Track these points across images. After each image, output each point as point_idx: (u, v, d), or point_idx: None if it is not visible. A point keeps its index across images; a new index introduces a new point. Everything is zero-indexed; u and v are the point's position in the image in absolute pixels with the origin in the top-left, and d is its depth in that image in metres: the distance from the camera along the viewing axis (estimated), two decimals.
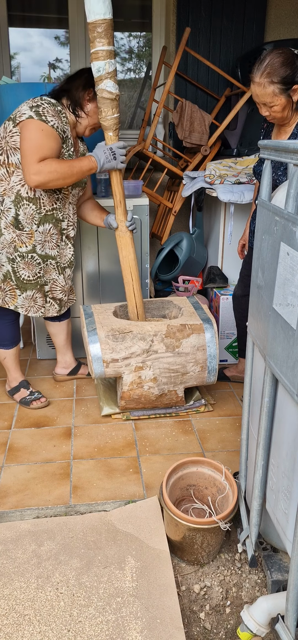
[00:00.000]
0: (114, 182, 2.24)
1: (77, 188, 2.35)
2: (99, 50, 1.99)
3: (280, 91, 1.91)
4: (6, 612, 1.44)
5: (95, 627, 1.40)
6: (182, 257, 3.22)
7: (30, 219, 2.19)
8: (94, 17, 1.95)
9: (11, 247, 2.21)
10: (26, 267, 2.26)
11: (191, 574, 1.65)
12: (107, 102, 2.07)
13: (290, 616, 1.21)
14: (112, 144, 2.14)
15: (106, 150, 2.13)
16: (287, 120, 2.03)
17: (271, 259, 1.29)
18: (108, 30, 1.98)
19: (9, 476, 2.02)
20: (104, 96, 2.06)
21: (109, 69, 2.02)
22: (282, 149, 1.22)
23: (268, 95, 1.92)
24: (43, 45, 4.02)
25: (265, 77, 1.90)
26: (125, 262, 2.36)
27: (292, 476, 1.24)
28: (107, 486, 1.96)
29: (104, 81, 2.03)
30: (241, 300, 2.47)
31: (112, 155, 2.14)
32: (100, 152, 2.14)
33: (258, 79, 1.92)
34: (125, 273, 2.37)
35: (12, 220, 2.17)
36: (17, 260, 2.24)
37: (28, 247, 2.23)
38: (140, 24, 4.06)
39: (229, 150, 3.48)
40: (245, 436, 1.63)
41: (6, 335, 2.44)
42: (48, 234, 2.27)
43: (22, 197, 2.15)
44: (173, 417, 2.43)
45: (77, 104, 2.18)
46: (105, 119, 2.11)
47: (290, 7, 3.68)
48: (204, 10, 3.57)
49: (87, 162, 2.13)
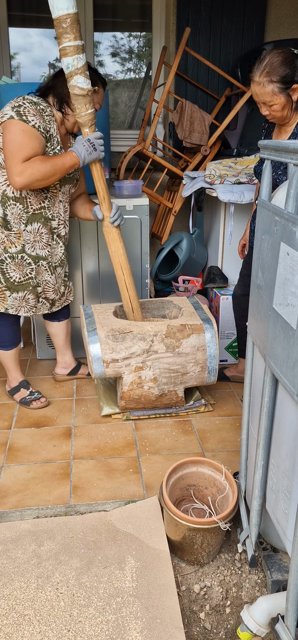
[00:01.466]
0: (95, 177, 2.20)
1: (68, 185, 2.33)
2: (66, 46, 1.94)
3: (279, 90, 1.91)
4: (6, 612, 1.44)
5: (95, 627, 1.40)
6: (182, 257, 3.22)
7: (17, 219, 2.18)
8: (58, 12, 1.90)
9: (0, 248, 2.21)
10: (16, 268, 2.25)
11: (191, 574, 1.65)
12: (80, 99, 2.03)
13: (290, 616, 1.21)
14: (89, 135, 2.11)
15: (85, 143, 2.10)
16: (287, 120, 2.03)
17: (271, 259, 1.29)
18: (73, 24, 1.92)
19: (9, 476, 2.02)
20: (75, 93, 2.01)
21: (78, 65, 1.97)
22: (282, 149, 1.22)
23: (268, 94, 1.93)
24: (43, 45, 4.02)
25: (264, 76, 1.91)
26: (114, 257, 2.33)
27: (292, 476, 1.24)
28: (107, 486, 1.96)
29: (74, 77, 1.98)
30: (241, 299, 2.47)
31: (91, 147, 2.10)
32: (79, 146, 2.11)
33: (257, 78, 1.93)
34: (116, 268, 2.35)
35: (0, 220, 2.17)
36: (7, 262, 2.23)
37: (17, 247, 2.22)
38: (140, 24, 4.06)
39: (229, 150, 3.48)
40: (245, 436, 1.63)
41: (7, 336, 2.44)
42: (37, 234, 2.25)
43: (8, 197, 2.14)
44: (174, 417, 2.43)
45: (63, 101, 2.16)
46: (80, 116, 2.07)
47: (290, 7, 3.68)
48: (204, 10, 3.57)
49: (69, 158, 2.10)
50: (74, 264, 2.83)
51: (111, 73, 4.17)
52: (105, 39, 4.01)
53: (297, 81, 1.92)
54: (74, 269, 2.84)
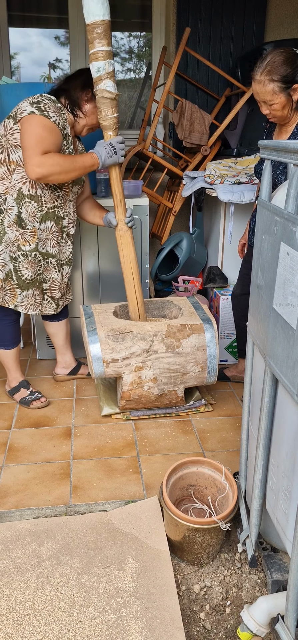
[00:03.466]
0: (113, 180, 2.24)
1: (77, 186, 2.35)
2: (98, 50, 2.01)
3: (280, 89, 1.92)
4: (6, 612, 1.44)
5: (95, 627, 1.40)
6: (182, 257, 3.22)
7: (32, 217, 2.19)
8: (93, 18, 1.97)
9: (14, 246, 2.21)
10: (29, 266, 2.26)
11: (191, 574, 1.65)
12: (107, 102, 2.08)
13: (290, 616, 1.21)
14: (111, 139, 2.15)
15: (106, 146, 2.14)
16: (287, 120, 2.03)
17: (271, 259, 1.29)
18: (107, 31, 2.00)
19: (9, 476, 2.02)
20: (104, 96, 2.07)
21: (109, 69, 2.04)
22: (282, 149, 1.22)
23: (268, 93, 1.93)
24: (43, 45, 4.02)
25: (265, 75, 1.91)
26: (126, 261, 2.35)
27: (292, 476, 1.24)
28: (107, 486, 1.96)
29: (104, 81, 2.04)
30: (240, 299, 2.47)
31: (112, 150, 2.14)
32: (100, 148, 2.14)
33: (258, 76, 1.93)
34: (126, 272, 2.37)
35: (16, 218, 2.17)
36: (20, 260, 2.24)
37: (31, 245, 2.23)
38: (140, 24, 4.06)
39: (229, 150, 3.47)
40: (245, 436, 1.63)
41: (7, 335, 2.44)
42: (50, 232, 2.27)
43: (23, 194, 2.15)
44: (173, 417, 2.43)
45: (75, 104, 2.19)
46: (105, 119, 2.12)
47: (290, 7, 3.68)
48: (204, 10, 3.57)
49: (89, 158, 2.13)
50: (74, 264, 2.83)
51: None
52: None
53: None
54: (74, 269, 2.84)
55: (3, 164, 2.13)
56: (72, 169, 2.10)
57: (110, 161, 2.15)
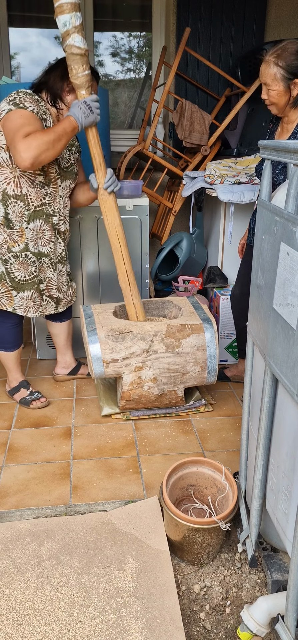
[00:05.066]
0: (91, 142, 2.15)
1: (68, 180, 2.32)
2: (63, 3, 1.89)
3: (281, 77, 1.92)
4: (6, 612, 1.44)
5: (95, 627, 1.40)
6: (182, 257, 3.22)
7: (19, 217, 2.17)
8: None
9: (3, 248, 2.20)
10: (21, 267, 2.25)
11: (191, 574, 1.65)
12: (77, 59, 1.98)
13: (290, 616, 1.21)
14: (86, 98, 2.06)
15: (81, 105, 2.05)
16: (282, 112, 2.04)
17: (271, 259, 1.29)
18: None
19: (9, 476, 2.02)
20: (73, 52, 1.97)
21: (76, 22, 1.92)
22: (282, 149, 1.22)
23: (269, 75, 1.95)
24: (43, 46, 4.03)
25: (273, 57, 1.92)
26: (111, 227, 2.27)
27: (292, 476, 1.24)
28: (107, 486, 1.96)
29: (72, 36, 1.93)
30: (240, 299, 2.47)
31: (88, 109, 2.06)
32: (76, 109, 2.05)
33: (268, 56, 1.94)
34: (112, 240, 2.28)
35: (3, 219, 2.16)
36: (11, 261, 2.23)
37: (20, 245, 2.21)
38: (140, 24, 4.06)
39: (229, 150, 3.48)
40: (245, 436, 1.63)
41: (9, 338, 2.43)
42: (40, 231, 2.25)
43: (8, 195, 2.14)
44: (173, 417, 2.43)
45: (56, 96, 2.15)
46: (77, 77, 2.02)
47: (290, 7, 3.68)
48: (204, 10, 3.57)
49: (68, 123, 2.05)
50: (74, 264, 2.83)
51: (111, 73, 4.17)
52: (105, 39, 4.01)
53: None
54: (74, 269, 2.84)
55: None
56: (57, 139, 2.01)
57: (88, 121, 2.07)
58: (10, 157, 2.09)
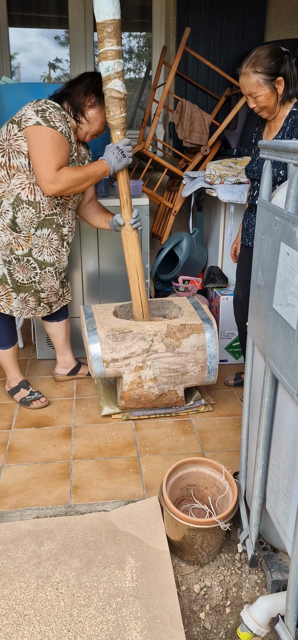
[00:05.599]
0: (120, 180, 2.24)
1: (77, 194, 2.34)
2: (108, 50, 2.00)
3: (264, 81, 1.97)
4: (6, 612, 1.44)
5: (95, 627, 1.40)
6: (182, 257, 3.22)
7: (28, 223, 2.18)
8: (103, 17, 1.97)
9: (7, 250, 2.21)
10: (21, 270, 2.25)
11: (191, 574, 1.65)
12: (116, 102, 2.08)
13: (290, 616, 1.21)
14: (118, 142, 2.15)
15: (114, 151, 2.14)
16: (273, 114, 2.07)
17: (271, 259, 1.29)
18: (117, 30, 2.00)
19: (9, 476, 2.02)
20: (113, 95, 2.06)
21: (118, 69, 2.03)
22: (282, 149, 1.22)
23: (253, 85, 1.99)
24: (43, 46, 4.03)
25: (250, 67, 1.98)
26: (131, 260, 2.35)
27: (292, 476, 1.24)
28: (107, 486, 1.96)
29: (113, 80, 2.04)
30: (243, 301, 2.41)
31: (121, 154, 2.14)
32: (109, 154, 2.15)
33: (244, 69, 2.00)
34: (130, 272, 2.37)
35: (10, 222, 2.17)
36: (13, 263, 2.23)
37: (24, 250, 2.22)
38: (140, 24, 4.06)
39: (229, 150, 3.48)
40: (245, 436, 1.63)
41: (2, 335, 2.44)
42: (47, 239, 2.25)
43: (21, 200, 2.14)
44: (173, 417, 2.43)
45: (78, 110, 2.17)
46: (114, 118, 2.11)
47: (290, 7, 3.68)
48: (204, 10, 3.57)
49: (100, 166, 2.14)
50: (74, 264, 2.83)
51: None
52: None
53: (283, 74, 1.98)
54: (74, 269, 2.84)
55: (3, 167, 2.12)
56: (85, 179, 2.11)
57: (120, 165, 2.16)
58: (29, 164, 2.09)
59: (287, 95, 2.02)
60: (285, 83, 1.99)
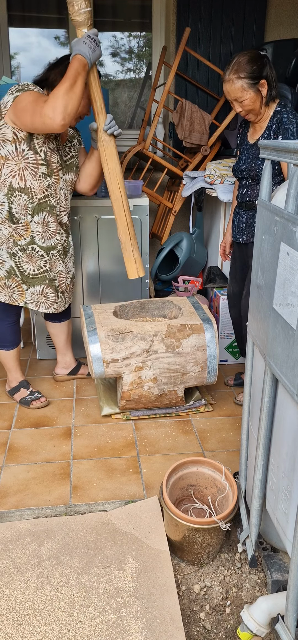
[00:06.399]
0: (92, 85, 2.09)
1: (70, 174, 2.33)
2: None
3: (248, 85, 2.07)
4: (6, 612, 1.44)
5: (95, 627, 1.40)
6: (182, 257, 3.22)
7: (24, 210, 2.18)
8: None
9: (10, 242, 2.21)
10: (29, 259, 2.25)
11: (191, 574, 1.65)
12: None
13: (290, 616, 1.21)
14: (89, 31, 1.99)
15: (86, 40, 1.98)
16: (260, 116, 2.16)
17: (271, 259, 1.29)
18: None
19: (9, 476, 2.02)
20: None
21: None
22: (282, 149, 1.22)
23: (238, 90, 2.09)
24: (42, 46, 4.02)
25: (233, 74, 2.08)
26: (112, 175, 2.19)
27: (292, 476, 1.24)
28: (107, 486, 1.96)
29: None
30: (239, 297, 2.44)
31: (94, 43, 2.00)
32: (81, 46, 1.99)
33: (227, 76, 2.10)
34: (112, 188, 2.21)
35: (7, 214, 2.17)
36: (19, 255, 2.24)
37: (26, 239, 2.22)
38: (140, 24, 4.06)
39: (229, 150, 3.47)
40: (245, 436, 1.63)
41: (7, 336, 2.44)
42: (44, 224, 2.25)
43: (14, 188, 2.15)
44: (173, 417, 2.43)
45: None
46: (79, 14, 1.97)
47: (290, 7, 3.68)
48: (204, 10, 3.56)
49: (77, 63, 1.98)
50: (74, 264, 2.82)
51: (111, 73, 4.17)
52: (105, 39, 4.01)
53: (265, 77, 2.09)
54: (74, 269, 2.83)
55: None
56: (73, 82, 1.95)
57: (95, 55, 2.01)
58: (16, 149, 2.09)
59: (270, 96, 2.13)
60: (268, 85, 2.10)
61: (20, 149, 2.10)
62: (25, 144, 2.10)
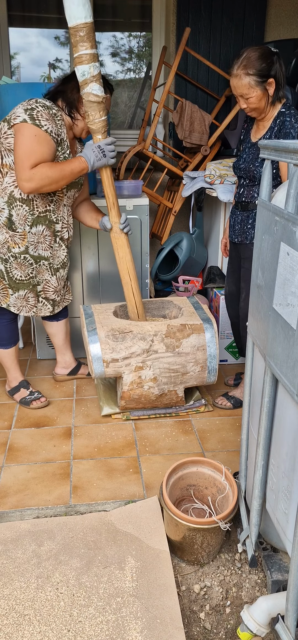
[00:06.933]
0: (105, 182, 2.22)
1: (73, 190, 2.34)
2: (82, 54, 1.99)
3: (256, 83, 2.02)
4: (6, 612, 1.44)
5: (95, 627, 1.40)
6: (182, 257, 3.22)
7: (23, 220, 2.19)
8: (75, 21, 1.96)
9: (4, 248, 2.21)
10: (19, 267, 2.26)
11: (191, 574, 1.65)
12: (94, 106, 2.06)
13: (290, 616, 1.21)
14: (100, 142, 2.12)
15: (95, 149, 2.12)
16: (264, 114, 2.11)
17: (271, 259, 1.29)
18: (90, 33, 1.98)
19: (9, 476, 2.02)
20: (90, 99, 2.05)
21: (94, 72, 2.01)
22: (282, 148, 1.22)
23: (245, 86, 2.03)
24: (42, 46, 4.02)
25: (241, 69, 2.01)
26: (122, 262, 2.34)
27: (292, 476, 1.24)
28: (107, 486, 1.96)
29: (90, 85, 2.02)
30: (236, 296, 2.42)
31: (101, 153, 2.12)
32: (89, 151, 2.12)
33: (235, 70, 2.04)
34: (122, 274, 2.36)
35: (6, 221, 2.17)
36: (10, 261, 2.24)
37: (21, 248, 2.22)
38: (140, 24, 4.06)
39: (229, 150, 3.47)
40: (245, 436, 1.63)
41: (4, 335, 2.44)
42: (41, 236, 2.26)
43: (15, 198, 2.15)
44: (173, 417, 2.43)
45: (72, 106, 2.17)
46: (93, 123, 2.10)
47: (290, 7, 3.68)
48: (204, 10, 3.56)
49: (77, 164, 2.12)
50: (74, 264, 2.83)
51: (111, 73, 4.17)
52: (105, 39, 4.01)
53: (273, 75, 2.03)
54: (74, 269, 2.84)
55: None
56: (61, 177, 2.10)
57: (99, 164, 2.13)
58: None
59: (277, 96, 2.08)
60: (276, 84, 2.04)
61: None
62: None
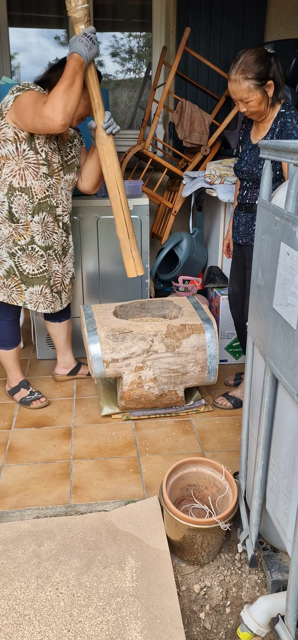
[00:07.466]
0: (90, 81, 2.07)
1: (71, 174, 2.33)
2: None
3: (255, 87, 2.00)
4: (6, 612, 1.44)
5: (95, 627, 1.40)
6: (182, 257, 3.22)
7: (24, 210, 2.18)
8: None
9: (10, 242, 2.21)
10: (29, 259, 2.25)
11: (191, 574, 1.65)
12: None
13: (290, 616, 1.21)
14: (85, 30, 1.99)
15: (82, 38, 1.97)
16: (264, 116, 2.10)
17: (271, 259, 1.29)
18: None
19: (9, 476, 2.02)
20: None
21: None
22: (282, 149, 1.22)
23: (244, 91, 2.02)
24: (42, 46, 4.02)
25: (240, 74, 2.00)
26: (110, 172, 2.18)
27: (292, 476, 1.24)
28: (107, 486, 1.96)
29: None
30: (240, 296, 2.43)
31: (90, 41, 1.99)
32: (77, 44, 1.98)
33: (233, 75, 2.02)
34: (110, 186, 2.19)
35: (7, 213, 2.17)
36: (18, 254, 2.23)
37: (26, 239, 2.22)
38: (140, 24, 4.06)
39: (229, 150, 3.47)
40: (245, 436, 1.63)
41: (6, 336, 2.44)
42: (44, 223, 2.25)
43: (14, 188, 2.15)
44: (173, 417, 2.43)
45: None
46: (76, 10, 1.96)
47: (290, 7, 3.68)
48: (204, 10, 3.56)
49: (74, 61, 1.97)
50: (74, 264, 2.82)
51: (111, 73, 4.17)
52: (105, 39, 4.01)
53: (272, 77, 2.02)
54: (74, 269, 2.83)
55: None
56: (72, 82, 1.95)
57: (91, 53, 2.01)
58: (17, 149, 2.09)
59: (276, 97, 2.07)
60: (275, 85, 2.04)
61: (20, 149, 2.10)
62: (26, 144, 2.10)
